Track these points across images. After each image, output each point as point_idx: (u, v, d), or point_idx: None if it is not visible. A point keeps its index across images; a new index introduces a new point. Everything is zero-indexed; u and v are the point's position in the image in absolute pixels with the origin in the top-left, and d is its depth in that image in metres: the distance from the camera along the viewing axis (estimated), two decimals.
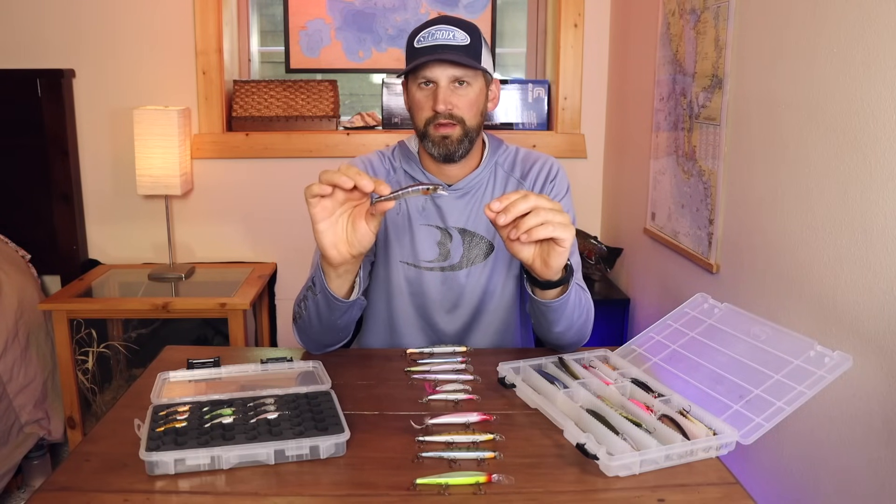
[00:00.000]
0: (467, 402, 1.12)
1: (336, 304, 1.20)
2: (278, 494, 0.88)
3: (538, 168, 1.45)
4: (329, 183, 1.05)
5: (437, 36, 1.32)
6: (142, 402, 1.07)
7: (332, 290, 1.18)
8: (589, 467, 0.93)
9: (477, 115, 1.36)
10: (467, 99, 1.33)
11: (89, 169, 2.57)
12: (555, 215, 1.06)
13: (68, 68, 2.49)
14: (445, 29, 1.32)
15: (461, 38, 1.32)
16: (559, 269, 1.14)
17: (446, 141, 1.34)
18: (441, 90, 1.31)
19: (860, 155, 1.19)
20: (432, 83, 1.33)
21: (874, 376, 1.15)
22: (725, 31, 1.64)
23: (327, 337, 1.29)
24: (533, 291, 1.22)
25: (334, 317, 1.23)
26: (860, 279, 1.19)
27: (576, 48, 2.59)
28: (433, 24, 1.34)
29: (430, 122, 1.34)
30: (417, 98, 1.35)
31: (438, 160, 1.37)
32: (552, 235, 1.06)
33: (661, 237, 2.06)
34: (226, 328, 2.25)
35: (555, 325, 1.26)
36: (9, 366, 2.11)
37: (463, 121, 1.34)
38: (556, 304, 1.21)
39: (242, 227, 2.64)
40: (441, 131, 1.33)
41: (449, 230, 1.42)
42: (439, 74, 1.31)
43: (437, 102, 1.31)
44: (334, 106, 2.62)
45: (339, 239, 1.10)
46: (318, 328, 1.27)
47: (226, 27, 2.56)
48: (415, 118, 1.38)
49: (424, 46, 1.32)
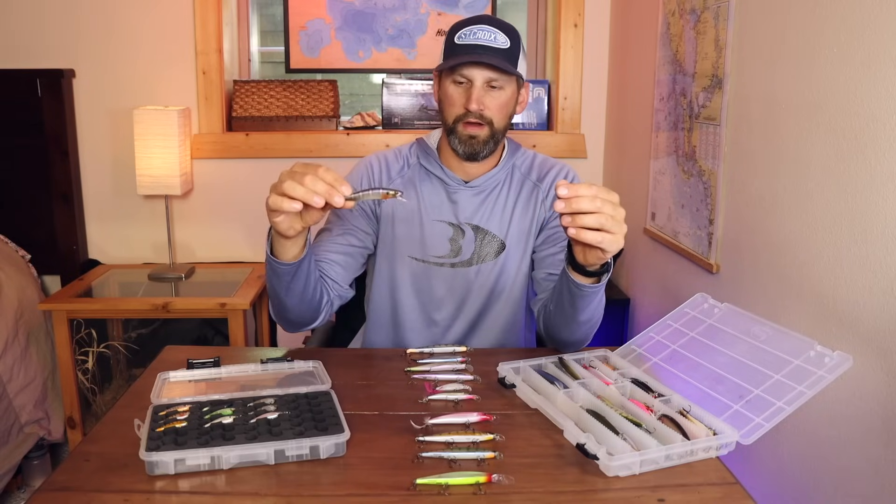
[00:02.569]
0: (467, 402, 1.12)
1: (281, 270, 1.18)
2: (278, 494, 0.88)
3: (555, 174, 1.47)
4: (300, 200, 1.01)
5: (479, 36, 1.32)
6: (142, 402, 1.07)
7: (280, 258, 1.16)
8: (589, 467, 0.93)
9: (505, 118, 1.38)
10: (499, 101, 1.35)
11: (89, 169, 2.57)
12: (613, 224, 1.01)
13: (68, 68, 2.49)
14: (487, 30, 1.33)
15: (502, 41, 1.33)
16: (594, 265, 1.12)
17: (473, 140, 1.35)
18: (475, 90, 1.32)
19: (860, 155, 1.19)
20: (467, 81, 1.33)
21: (874, 376, 1.15)
22: (725, 31, 1.64)
23: (288, 309, 1.27)
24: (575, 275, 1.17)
25: (283, 283, 1.20)
26: (860, 279, 1.19)
27: (576, 48, 2.59)
28: (475, 23, 1.34)
29: (459, 120, 1.35)
30: (450, 93, 1.36)
31: (462, 158, 1.38)
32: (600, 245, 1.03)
33: (661, 237, 2.06)
34: (226, 328, 2.25)
35: (580, 313, 1.22)
36: (9, 366, 2.11)
37: (492, 122, 1.35)
38: (590, 290, 1.17)
39: (242, 227, 2.64)
40: (469, 130, 1.35)
41: (462, 226, 1.43)
42: (476, 75, 1.32)
43: (469, 101, 1.32)
44: (334, 106, 2.62)
45: (294, 220, 1.07)
46: (276, 300, 1.26)
47: (226, 27, 2.56)
48: (445, 112, 1.38)
49: (465, 44, 1.32)
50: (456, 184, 1.42)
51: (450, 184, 1.43)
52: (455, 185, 1.42)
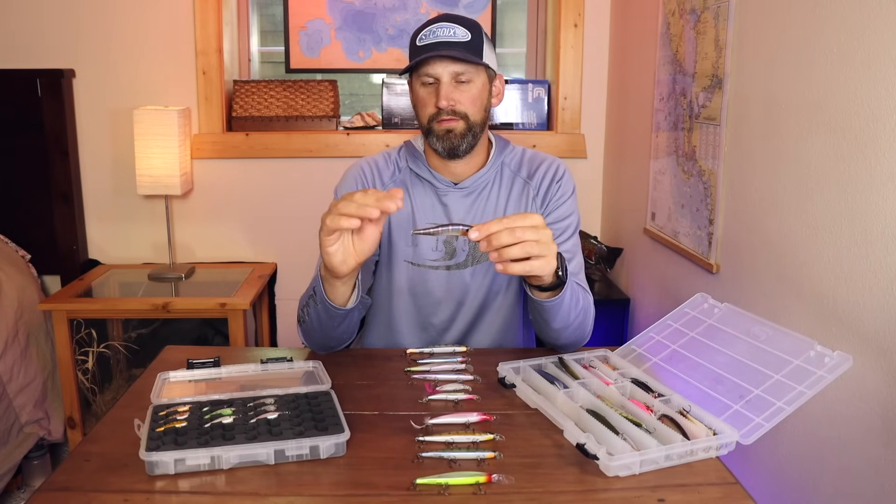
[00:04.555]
0: (467, 402, 1.12)
1: (335, 313, 1.22)
2: (278, 494, 0.88)
3: (545, 169, 1.45)
4: (356, 216, 1.03)
5: (438, 33, 1.33)
6: (142, 402, 1.07)
7: (332, 301, 1.20)
8: (589, 467, 0.93)
9: (480, 111, 1.37)
10: (469, 94, 1.34)
11: (89, 169, 2.57)
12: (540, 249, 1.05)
13: (68, 68, 2.49)
14: (446, 26, 1.33)
15: (462, 35, 1.33)
16: (546, 280, 1.16)
17: (450, 135, 1.35)
18: (443, 86, 1.32)
19: (860, 155, 1.19)
20: (435, 80, 1.33)
21: (874, 376, 1.15)
22: (725, 31, 1.64)
23: (331, 340, 1.31)
24: (530, 291, 1.23)
25: (335, 323, 1.25)
26: (860, 279, 1.19)
27: (576, 48, 2.59)
28: (434, 23, 1.35)
29: (433, 119, 1.35)
30: (421, 95, 1.36)
31: (443, 155, 1.38)
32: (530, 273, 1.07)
33: (661, 237, 2.06)
34: (226, 328, 2.25)
35: (551, 322, 1.26)
36: (9, 366, 2.11)
37: (466, 116, 1.35)
38: (549, 304, 1.22)
39: (242, 227, 2.64)
40: (445, 125, 1.34)
41: None
42: (441, 71, 1.32)
43: (439, 99, 1.32)
44: (334, 106, 2.62)
45: (347, 254, 1.10)
46: (321, 333, 1.29)
47: (226, 27, 2.56)
48: (419, 115, 1.38)
49: (426, 44, 1.33)
50: (445, 186, 1.42)
51: (439, 187, 1.42)
52: (444, 188, 1.42)
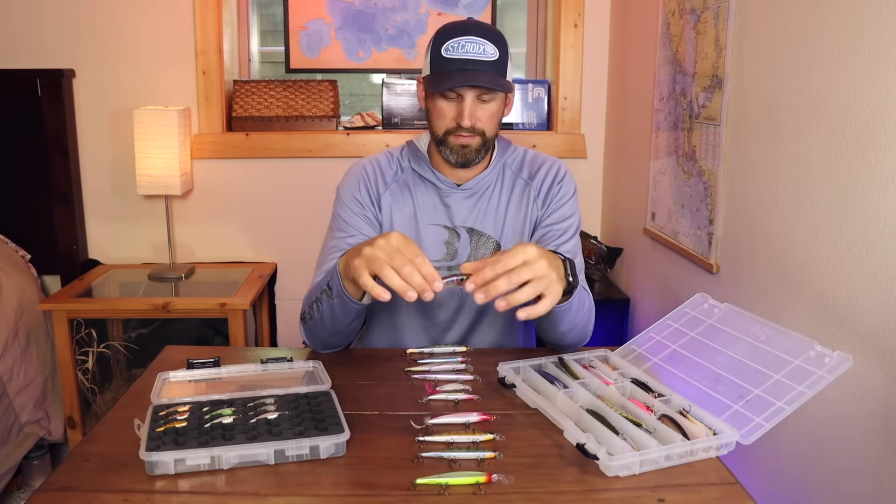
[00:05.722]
0: (467, 402, 1.12)
1: (352, 307, 1.22)
2: (278, 494, 0.88)
3: (546, 170, 1.46)
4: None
5: (468, 49, 1.30)
6: (142, 402, 1.07)
7: (351, 294, 1.20)
8: (589, 467, 0.93)
9: (496, 126, 1.39)
10: (489, 112, 1.35)
11: (89, 169, 2.57)
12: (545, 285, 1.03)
13: (68, 68, 2.49)
14: (476, 41, 1.30)
15: (491, 53, 1.31)
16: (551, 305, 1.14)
17: (465, 150, 1.36)
18: (467, 106, 1.32)
19: (860, 155, 1.19)
20: (457, 96, 1.33)
21: (874, 376, 1.15)
22: (725, 31, 1.64)
23: (338, 337, 1.31)
24: None
25: (348, 318, 1.25)
26: (860, 279, 1.19)
27: (576, 48, 2.59)
28: (462, 34, 1.31)
29: (450, 132, 1.35)
30: (440, 106, 1.35)
31: (454, 166, 1.39)
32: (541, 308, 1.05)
33: (661, 237, 2.06)
34: (226, 328, 2.25)
35: (558, 325, 1.27)
36: (9, 366, 2.11)
37: (483, 132, 1.35)
38: (558, 309, 1.21)
39: (242, 227, 2.64)
40: (461, 140, 1.35)
41: (457, 229, 1.43)
42: (467, 91, 1.32)
43: (462, 117, 1.32)
44: (334, 106, 2.62)
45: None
46: (329, 329, 1.29)
47: (226, 27, 2.56)
48: (434, 124, 1.38)
49: (454, 59, 1.31)
50: (448, 188, 1.42)
51: (442, 188, 1.43)
52: (447, 189, 1.43)
